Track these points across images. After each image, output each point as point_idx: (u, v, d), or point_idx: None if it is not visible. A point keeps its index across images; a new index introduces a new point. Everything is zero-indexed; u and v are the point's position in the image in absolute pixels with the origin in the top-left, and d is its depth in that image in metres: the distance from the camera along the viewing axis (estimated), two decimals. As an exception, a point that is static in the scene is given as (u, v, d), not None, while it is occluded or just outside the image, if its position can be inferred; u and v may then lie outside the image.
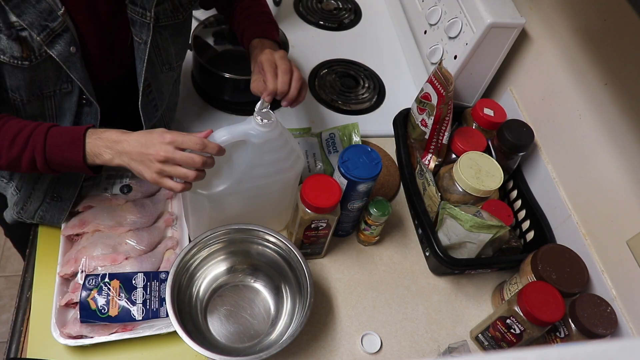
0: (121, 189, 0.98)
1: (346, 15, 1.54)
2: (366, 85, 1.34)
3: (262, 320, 0.91)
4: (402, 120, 1.13)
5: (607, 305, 0.85)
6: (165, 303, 0.82)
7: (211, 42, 1.19)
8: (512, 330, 0.85)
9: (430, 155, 1.07)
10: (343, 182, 0.90)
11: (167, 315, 0.80)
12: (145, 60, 0.84)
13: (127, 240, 0.92)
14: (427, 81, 1.04)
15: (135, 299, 0.84)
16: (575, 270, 0.89)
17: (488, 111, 1.07)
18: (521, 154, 1.04)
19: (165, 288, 0.83)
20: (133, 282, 0.86)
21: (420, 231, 1.06)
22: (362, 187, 0.91)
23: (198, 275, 0.92)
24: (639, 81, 0.82)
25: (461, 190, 0.97)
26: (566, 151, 0.99)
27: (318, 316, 0.94)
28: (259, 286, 0.95)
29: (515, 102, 1.13)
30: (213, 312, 0.91)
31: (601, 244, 0.91)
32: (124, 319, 0.83)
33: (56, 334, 0.81)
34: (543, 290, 0.84)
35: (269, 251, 0.93)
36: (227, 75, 1.13)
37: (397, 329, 0.95)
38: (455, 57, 1.11)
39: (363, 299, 0.98)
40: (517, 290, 0.89)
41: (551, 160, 1.04)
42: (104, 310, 0.82)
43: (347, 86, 1.33)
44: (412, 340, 0.94)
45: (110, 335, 0.83)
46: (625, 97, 0.85)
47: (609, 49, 0.88)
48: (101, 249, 0.90)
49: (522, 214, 1.06)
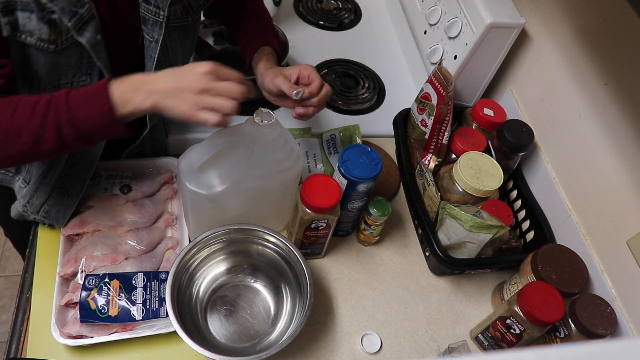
0: (121, 189, 0.98)
1: (346, 15, 1.54)
2: (366, 85, 1.34)
3: (262, 320, 0.91)
4: (402, 120, 1.13)
5: (607, 305, 0.85)
6: (165, 303, 0.82)
7: (211, 42, 1.20)
8: (512, 330, 0.85)
9: (430, 155, 1.07)
10: (343, 182, 0.90)
11: (167, 315, 0.80)
12: (155, 58, 0.84)
13: (127, 240, 0.92)
14: (427, 81, 1.04)
15: (135, 299, 0.84)
16: (575, 270, 0.89)
17: (488, 111, 1.07)
18: (521, 154, 1.04)
19: (165, 288, 0.83)
20: (133, 282, 0.86)
21: (420, 231, 1.06)
22: (362, 187, 0.91)
23: (198, 275, 0.92)
24: (639, 81, 0.82)
25: (461, 190, 0.97)
26: (566, 151, 0.99)
27: (318, 316, 0.94)
28: (259, 286, 0.95)
29: (515, 102, 1.13)
30: (213, 312, 0.91)
31: (601, 244, 0.91)
32: (124, 319, 0.83)
33: (56, 334, 0.81)
34: (543, 290, 0.84)
35: (269, 251, 0.93)
36: (227, 75, 1.13)
37: (397, 329, 0.95)
38: (455, 57, 1.11)
39: (363, 299, 0.98)
40: (517, 290, 0.89)
41: (551, 160, 1.04)
42: (104, 310, 0.82)
43: (347, 86, 1.33)
44: (412, 340, 0.94)
45: (110, 335, 0.83)
46: (625, 97, 0.85)
47: (609, 49, 0.88)
48: (101, 249, 0.90)
49: (522, 214, 1.06)
